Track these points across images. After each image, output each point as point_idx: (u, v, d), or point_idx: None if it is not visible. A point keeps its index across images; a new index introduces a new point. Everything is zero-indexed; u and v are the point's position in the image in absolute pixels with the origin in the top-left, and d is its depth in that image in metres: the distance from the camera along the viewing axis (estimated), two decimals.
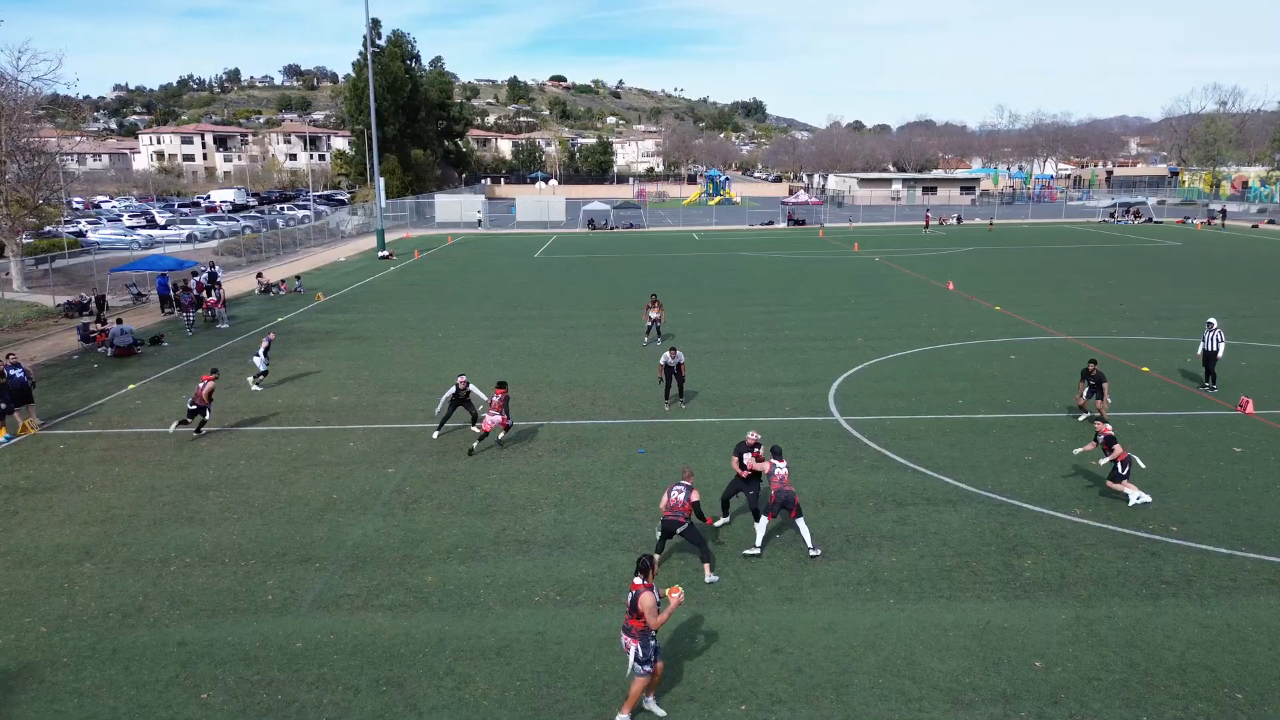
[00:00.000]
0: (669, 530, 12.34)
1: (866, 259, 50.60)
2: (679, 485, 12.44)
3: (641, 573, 9.19)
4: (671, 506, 12.29)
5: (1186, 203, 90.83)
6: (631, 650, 9.08)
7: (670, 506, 12.30)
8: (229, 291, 39.60)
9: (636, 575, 9.22)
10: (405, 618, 11.44)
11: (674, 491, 12.39)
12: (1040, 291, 37.42)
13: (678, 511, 12.23)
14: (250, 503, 15.39)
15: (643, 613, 8.95)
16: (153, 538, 13.99)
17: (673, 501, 12.30)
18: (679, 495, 12.32)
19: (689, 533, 12.33)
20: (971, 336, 28.35)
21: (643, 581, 9.13)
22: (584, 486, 15.93)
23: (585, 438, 18.77)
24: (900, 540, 13.46)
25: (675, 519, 12.23)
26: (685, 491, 12.35)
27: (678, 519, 12.22)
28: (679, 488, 12.40)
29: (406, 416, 20.42)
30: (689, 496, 12.33)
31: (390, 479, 16.46)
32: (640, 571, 9.22)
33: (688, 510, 12.28)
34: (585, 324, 31.69)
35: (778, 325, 30.87)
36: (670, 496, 12.38)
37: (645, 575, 9.19)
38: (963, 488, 15.54)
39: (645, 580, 9.15)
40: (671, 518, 12.25)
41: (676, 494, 12.35)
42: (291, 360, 26.48)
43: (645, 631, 9.05)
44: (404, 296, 38.84)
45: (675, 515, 12.24)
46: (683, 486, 12.40)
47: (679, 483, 12.50)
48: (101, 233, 60.21)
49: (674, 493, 12.38)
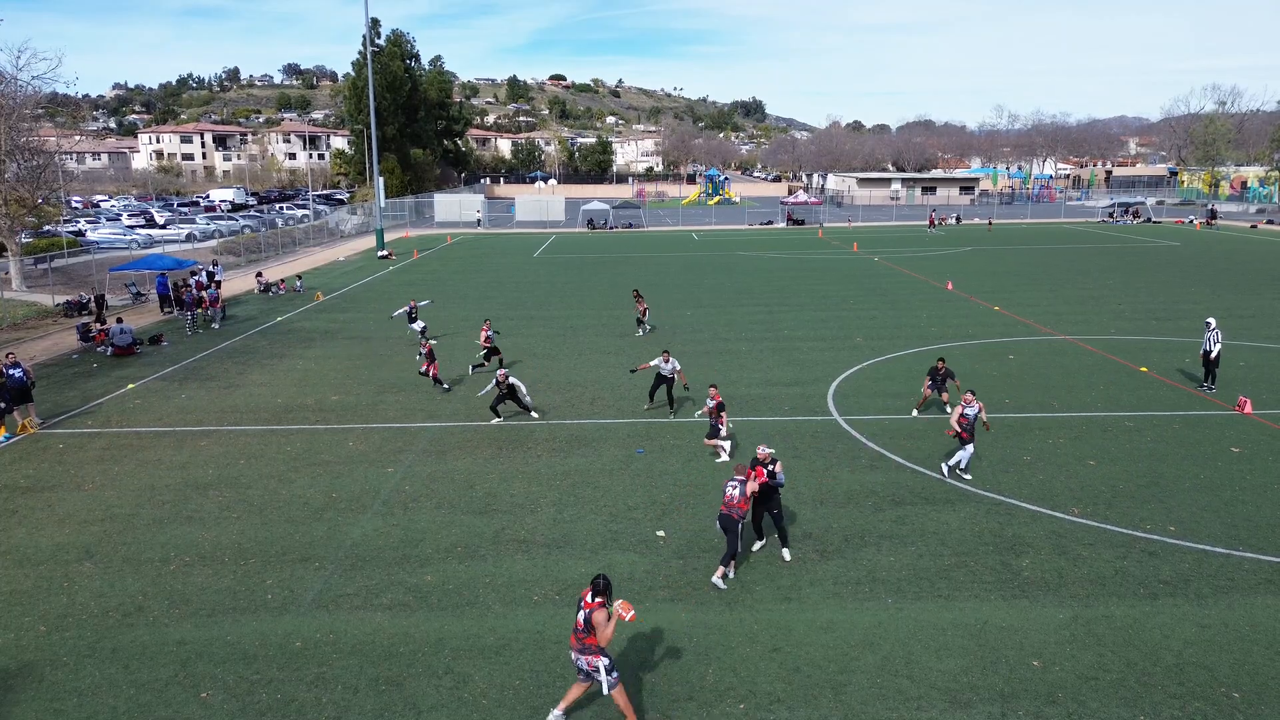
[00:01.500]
0: (726, 526, 12.31)
1: (865, 259, 50.65)
2: (732, 481, 12.45)
3: (595, 592, 8.97)
4: (726, 503, 12.35)
5: (1185, 203, 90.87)
6: (599, 665, 8.93)
7: (725, 503, 12.37)
8: (229, 291, 39.66)
9: (594, 595, 8.96)
10: (404, 617, 11.46)
11: (728, 488, 12.44)
12: (1039, 291, 37.46)
13: (732, 508, 12.28)
14: (250, 502, 15.41)
15: (596, 628, 8.83)
16: (152, 537, 14.00)
17: (727, 498, 12.38)
18: (733, 491, 12.38)
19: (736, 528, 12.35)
20: (970, 337, 28.38)
21: (597, 601, 8.93)
22: (583, 486, 15.95)
23: (585, 437, 18.79)
24: (899, 540, 13.48)
25: (730, 514, 12.25)
26: (740, 487, 12.37)
27: (732, 514, 12.26)
28: (733, 484, 12.43)
29: (405, 416, 20.43)
30: (744, 492, 12.36)
31: (389, 478, 16.47)
32: (594, 590, 8.99)
33: (744, 506, 12.33)
34: (584, 324, 31.71)
35: (777, 325, 30.90)
36: (725, 493, 12.47)
37: (602, 596, 8.96)
38: (961, 487, 15.56)
39: (600, 599, 8.95)
40: (726, 513, 12.29)
41: (731, 490, 12.41)
42: (290, 360, 26.49)
43: (598, 646, 8.95)
44: (404, 297, 38.78)
45: (730, 511, 12.26)
46: (736, 482, 12.42)
47: (732, 479, 12.50)
48: (100, 232, 60.14)
49: (728, 489, 12.43)
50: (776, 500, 12.96)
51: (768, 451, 13.07)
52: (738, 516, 12.24)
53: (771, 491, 12.86)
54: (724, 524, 12.33)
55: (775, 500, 12.95)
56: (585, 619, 8.88)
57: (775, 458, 13.06)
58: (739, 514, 12.25)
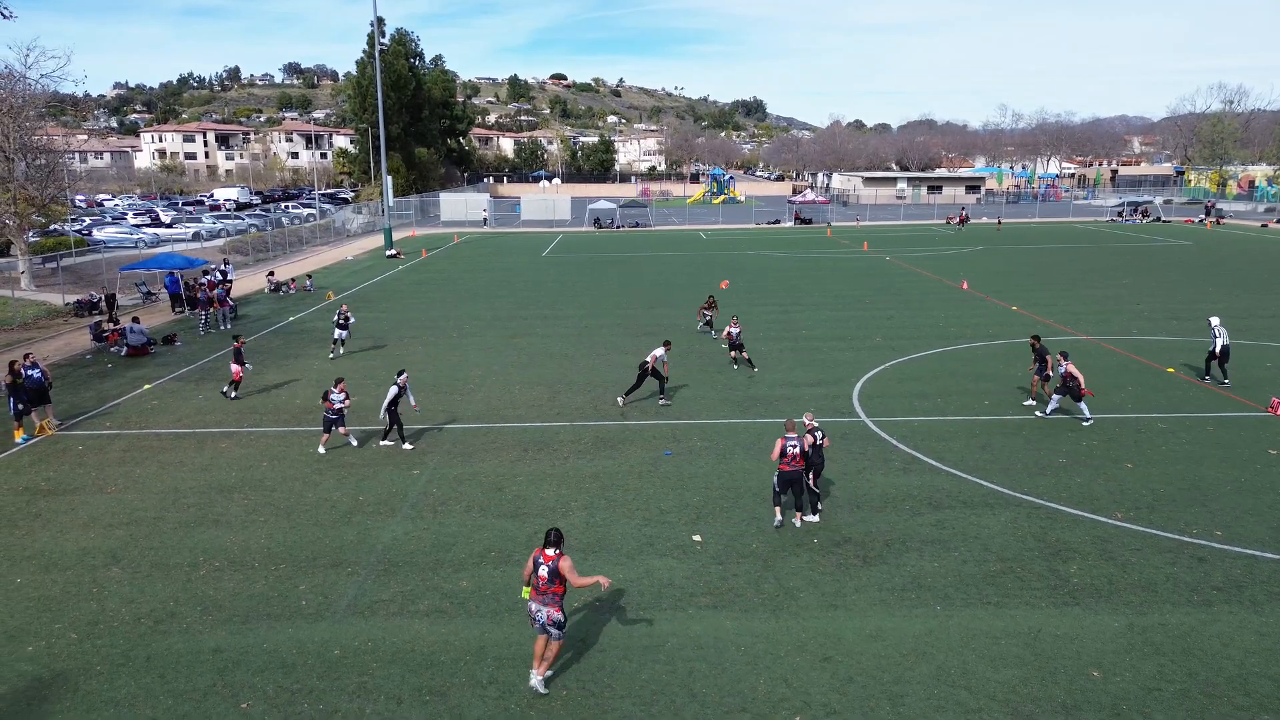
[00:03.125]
0: (789, 482, 13.72)
1: (876, 258, 50.38)
2: (791, 440, 13.62)
3: (553, 545, 9.61)
4: (793, 462, 13.60)
5: (1193, 202, 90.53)
6: (552, 617, 9.53)
7: (790, 460, 13.59)
8: (239, 290, 39.40)
9: (548, 547, 9.60)
10: (443, 624, 11.22)
11: (788, 447, 13.58)
12: (1054, 291, 37.20)
13: (797, 465, 13.63)
14: (275, 505, 15.17)
15: (565, 575, 9.48)
16: (179, 541, 13.76)
17: (791, 456, 13.58)
18: (794, 450, 13.58)
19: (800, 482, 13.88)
20: (991, 337, 28.13)
21: (556, 552, 9.56)
22: (613, 489, 15.70)
23: (610, 439, 18.55)
24: (941, 545, 13.23)
25: (796, 471, 13.64)
26: (798, 444, 13.59)
27: (797, 470, 13.66)
28: (792, 442, 13.60)
29: (427, 416, 20.18)
30: (802, 447, 13.65)
31: (416, 480, 16.23)
32: (552, 544, 9.62)
33: (800, 463, 13.65)
34: (599, 323, 31.46)
35: (794, 325, 30.65)
36: (788, 452, 13.59)
37: (557, 547, 9.61)
38: (998, 490, 15.32)
39: (558, 550, 9.59)
40: (791, 470, 13.63)
41: (792, 449, 13.58)
42: (305, 360, 26.25)
43: (563, 597, 9.62)
44: (414, 295, 38.61)
45: (796, 469, 13.64)
46: (794, 440, 13.62)
47: (789, 437, 13.66)
48: (106, 231, 59.85)
49: (789, 448, 13.58)
50: (819, 467, 14.21)
51: (812, 423, 14.31)
52: (800, 472, 13.76)
53: (816, 451, 14.09)
54: (785, 481, 13.75)
55: (817, 466, 14.18)
56: (551, 570, 9.48)
57: (823, 431, 14.40)
58: (800, 469, 13.74)
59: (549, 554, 9.53)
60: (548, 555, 9.53)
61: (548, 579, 9.49)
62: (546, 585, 9.50)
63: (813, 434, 14.24)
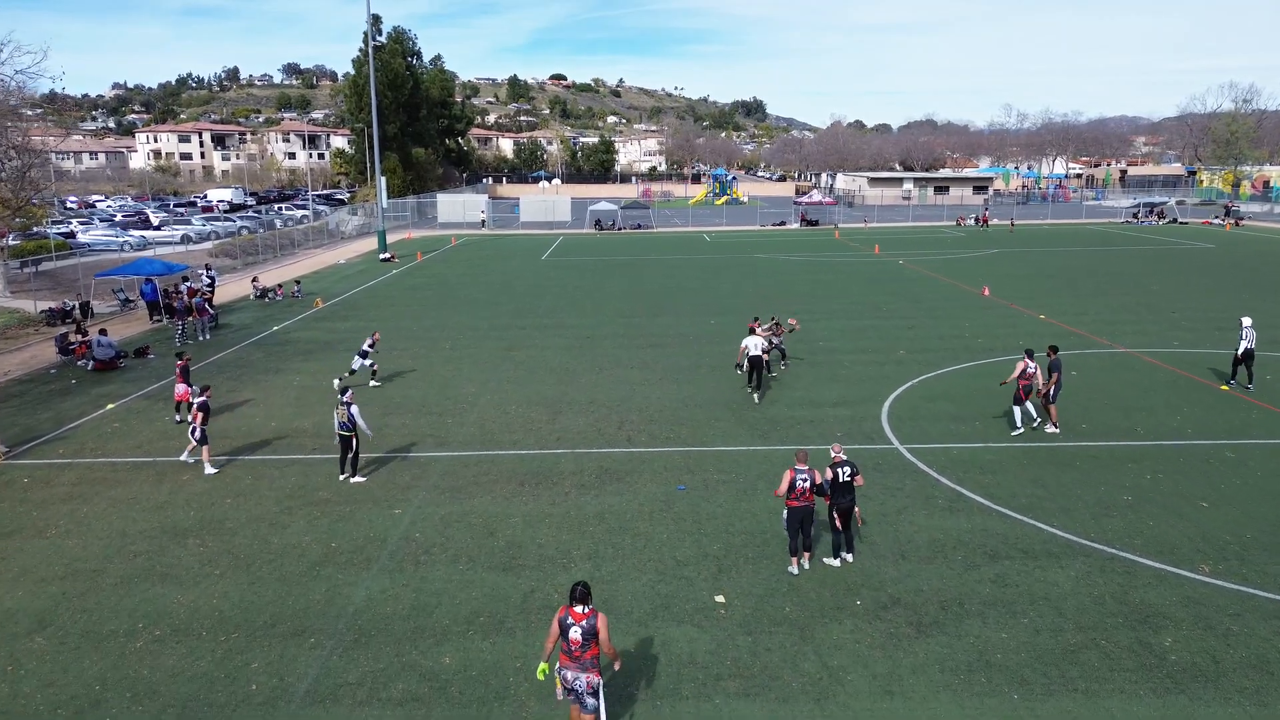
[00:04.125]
0: (800, 519, 12.21)
1: (889, 261, 48.45)
2: (801, 473, 12.06)
3: (581, 601, 8.31)
4: (803, 497, 12.07)
5: (1206, 203, 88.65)
6: (592, 683, 8.36)
7: (801, 496, 12.06)
8: (224, 297, 37.52)
9: (576, 604, 8.30)
10: (420, 714, 9.32)
11: (798, 480, 12.02)
12: (1081, 298, 35.28)
13: (807, 501, 12.12)
14: (236, 553, 13.26)
15: (601, 635, 8.31)
16: (119, 601, 11.85)
17: (800, 491, 12.04)
18: (805, 483, 12.04)
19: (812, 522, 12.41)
20: (1020, 348, 26.10)
21: (587, 609, 8.31)
22: (621, 533, 13.80)
23: (616, 470, 16.65)
24: (1005, 608, 11.32)
25: (806, 506, 12.13)
26: (809, 477, 12.09)
27: (809, 506, 12.16)
28: (802, 475, 12.05)
29: (414, 442, 18.28)
30: (813, 480, 12.12)
31: (398, 522, 14.33)
32: (580, 600, 8.32)
33: (810, 499, 12.16)
34: (602, 333, 29.55)
35: (809, 336, 28.72)
36: (797, 485, 12.02)
37: (587, 603, 8.35)
38: (1062, 536, 13.41)
39: (590, 606, 8.35)
40: (801, 506, 12.11)
41: (802, 482, 12.03)
42: (287, 375, 24.34)
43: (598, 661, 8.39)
44: (407, 303, 36.70)
45: (806, 504, 12.12)
46: (805, 473, 12.07)
47: (799, 469, 12.09)
48: (92, 233, 58.02)
49: (799, 481, 12.02)
50: (850, 500, 12.50)
51: (839, 455, 12.65)
52: (813, 508, 12.24)
53: (846, 488, 12.48)
54: (799, 517, 12.15)
55: (849, 500, 12.50)
56: (587, 630, 8.24)
57: (854, 465, 12.59)
58: (813, 505, 12.20)
59: (579, 611, 8.27)
60: (578, 614, 8.26)
61: (582, 641, 8.27)
62: (581, 649, 8.28)
63: (840, 469, 12.36)
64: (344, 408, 16.04)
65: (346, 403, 16.07)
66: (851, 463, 12.55)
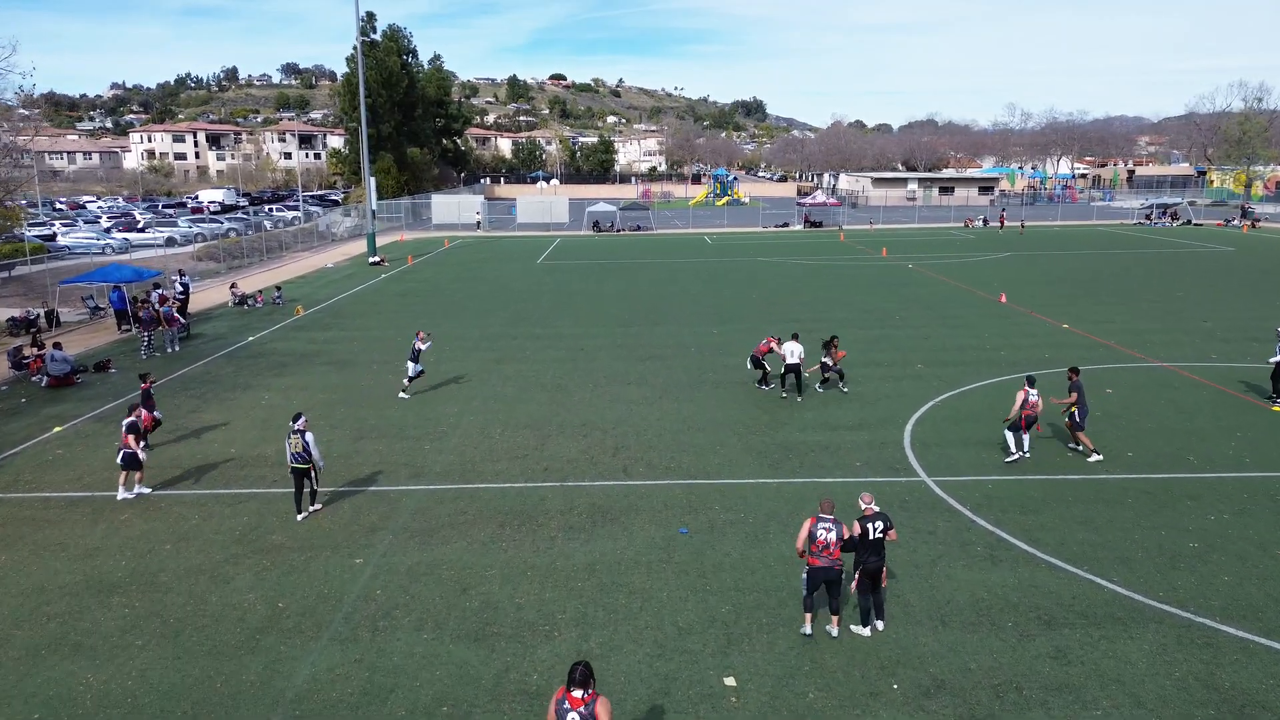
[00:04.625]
0: (822, 579, 10.45)
1: (897, 265, 46.58)
2: (824, 522, 10.43)
3: (581, 685, 7.07)
4: (824, 552, 10.36)
5: (1217, 203, 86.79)
6: None
7: (822, 552, 10.35)
8: (201, 304, 35.69)
9: (575, 689, 7.05)
10: None
11: (819, 530, 10.38)
12: (1104, 305, 33.41)
13: (833, 558, 10.37)
14: (165, 616, 11.41)
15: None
16: (17, 683, 10.00)
17: (821, 544, 10.36)
18: (828, 535, 10.35)
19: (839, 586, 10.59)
20: (1048, 363, 24.35)
21: (587, 693, 7.05)
22: (614, 590, 11.94)
23: (610, 507, 14.80)
24: (1072, 695, 9.47)
25: (830, 567, 10.38)
26: (835, 529, 10.39)
27: (834, 566, 10.39)
28: (825, 525, 10.40)
29: (385, 473, 16.43)
30: (840, 534, 10.41)
31: (358, 575, 12.47)
32: (580, 684, 7.07)
33: (837, 554, 10.42)
34: (598, 344, 27.69)
35: (818, 346, 26.82)
36: (818, 537, 10.37)
37: (587, 687, 7.09)
38: (1125, 595, 11.55)
39: (589, 692, 7.07)
40: (824, 566, 10.38)
41: (824, 534, 10.36)
42: (255, 392, 22.48)
43: None
44: (394, 310, 34.84)
45: (831, 563, 10.38)
46: (829, 524, 10.41)
47: (821, 518, 10.47)
48: (74, 236, 56.20)
49: (820, 532, 10.37)
50: (880, 560, 10.68)
51: (871, 507, 10.81)
52: (838, 568, 10.43)
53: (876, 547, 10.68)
54: (816, 578, 10.45)
55: (880, 560, 10.67)
56: (585, 718, 6.98)
57: (886, 519, 10.74)
58: (839, 564, 10.42)
59: (577, 696, 7.08)
60: (575, 699, 7.08)
61: None
62: None
63: (870, 524, 10.55)
64: (297, 436, 14.22)
65: (299, 430, 14.25)
66: (884, 515, 10.71)
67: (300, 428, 14.32)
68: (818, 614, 10.77)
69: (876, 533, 10.55)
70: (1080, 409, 16.68)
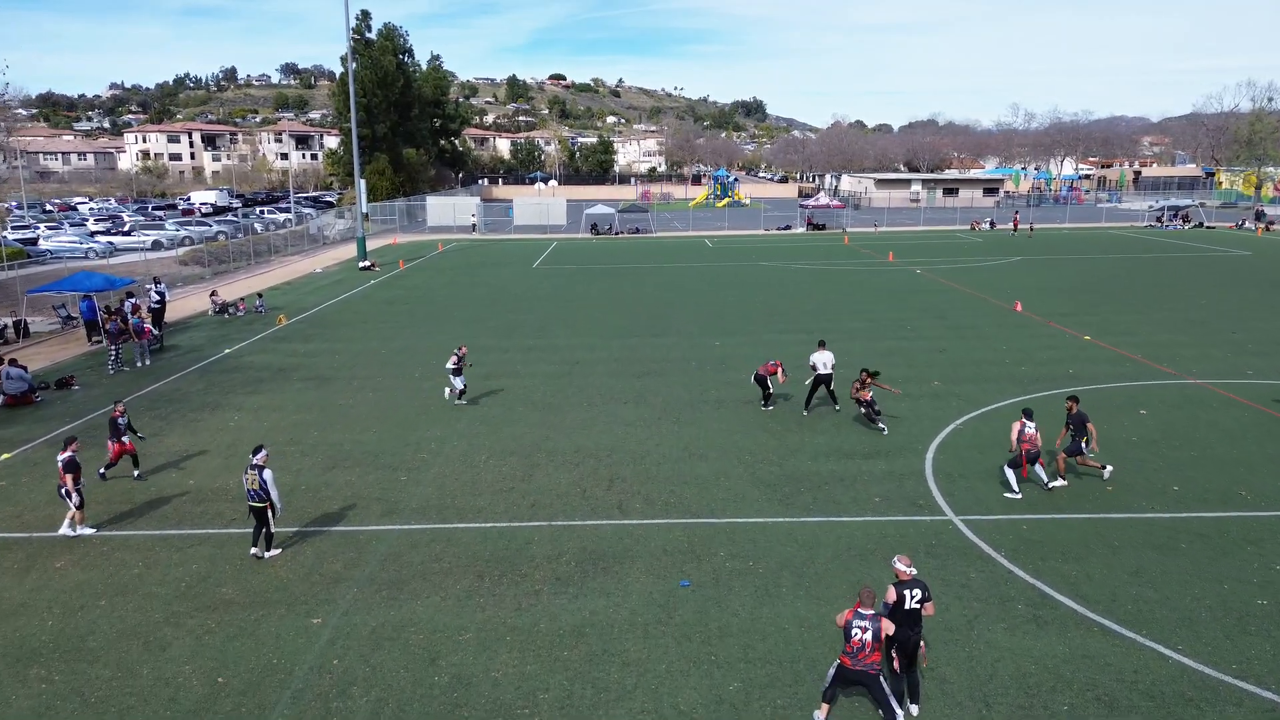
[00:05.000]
0: (853, 683, 8.96)
1: (905, 271, 45.01)
2: (861, 619, 8.78)
3: None
4: (859, 655, 8.74)
5: (1227, 205, 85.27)
6: None
7: (856, 653, 8.74)
8: (179, 313, 34.18)
9: None
10: None
11: (855, 630, 8.75)
12: (1125, 314, 31.86)
13: (867, 662, 8.74)
14: (85, 695, 9.88)
15: None
16: None
17: (856, 644, 8.74)
18: (864, 636, 8.70)
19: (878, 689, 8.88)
20: (1072, 379, 22.84)
21: None
22: (605, 660, 10.41)
23: (602, 551, 13.28)
24: None
25: (865, 671, 8.78)
26: (872, 627, 8.71)
27: (869, 670, 8.77)
28: (860, 624, 8.75)
29: (356, 509, 14.90)
30: (878, 633, 8.72)
31: (314, 639, 10.94)
32: None
33: (877, 657, 8.78)
34: (593, 357, 26.16)
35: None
36: (852, 637, 8.75)
37: None
38: (1193, 668, 10.02)
39: None
40: (858, 669, 8.79)
41: (859, 634, 8.71)
42: (225, 412, 20.93)
43: None
44: (380, 319, 33.29)
45: (865, 666, 8.76)
46: (865, 621, 8.76)
47: (859, 613, 8.83)
48: (57, 240, 54.69)
49: (855, 630, 8.75)
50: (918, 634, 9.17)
51: (909, 570, 9.28)
52: (875, 671, 8.79)
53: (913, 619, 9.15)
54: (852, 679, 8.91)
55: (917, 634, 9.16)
56: None
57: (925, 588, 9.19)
58: (875, 668, 8.78)
59: None
60: None
61: None
62: None
63: (908, 590, 9.06)
64: (253, 472, 12.72)
65: (257, 465, 12.75)
66: (923, 584, 9.21)
67: (258, 463, 12.84)
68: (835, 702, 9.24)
69: (913, 601, 9.03)
70: (1074, 442, 15.42)
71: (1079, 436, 15.47)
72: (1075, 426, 15.52)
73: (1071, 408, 15.70)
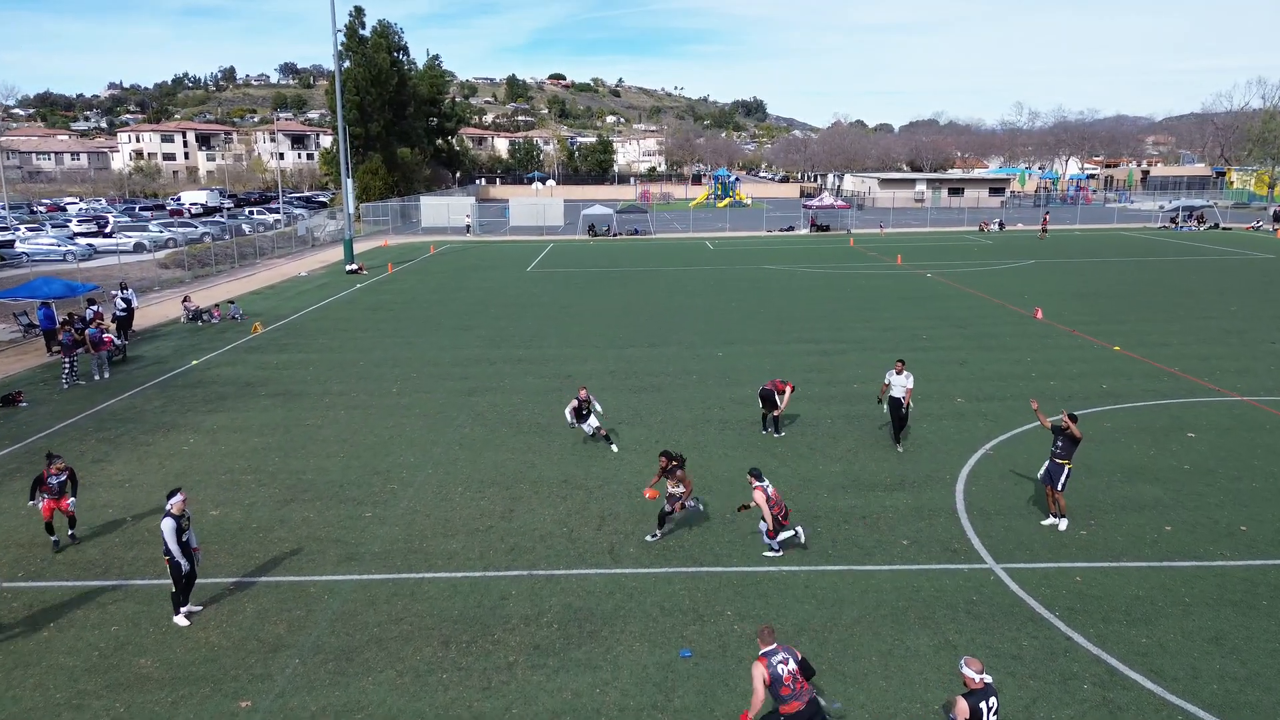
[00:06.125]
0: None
1: (915, 274, 43.11)
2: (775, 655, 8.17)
3: None
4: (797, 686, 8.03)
5: (1239, 205, 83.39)
6: None
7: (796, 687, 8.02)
8: (151, 320, 32.33)
9: None
10: None
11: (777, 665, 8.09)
12: (1153, 322, 29.97)
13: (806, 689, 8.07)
14: None
15: None
16: None
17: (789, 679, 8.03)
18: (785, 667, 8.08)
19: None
20: (1109, 395, 20.97)
21: None
22: None
23: (591, 609, 11.41)
24: None
25: (812, 699, 8.09)
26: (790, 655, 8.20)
27: (813, 696, 8.13)
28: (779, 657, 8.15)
29: (310, 554, 13.02)
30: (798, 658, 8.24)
31: None
32: None
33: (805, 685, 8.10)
34: (587, 370, 24.28)
35: (839, 374, 23.47)
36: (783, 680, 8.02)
37: None
38: None
39: None
40: (804, 707, 7.99)
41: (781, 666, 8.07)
42: (180, 434, 19.05)
43: None
44: (362, 327, 31.40)
45: (809, 695, 8.07)
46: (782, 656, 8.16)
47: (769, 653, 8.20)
48: (35, 242, 52.79)
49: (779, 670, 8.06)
50: None
51: (982, 678, 7.58)
52: (815, 694, 8.20)
53: None
54: None
55: None
56: None
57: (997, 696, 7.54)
58: (812, 692, 8.17)
59: None
60: None
61: None
62: None
63: (983, 703, 7.29)
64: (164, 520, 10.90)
65: (167, 511, 10.92)
66: (995, 690, 7.34)
67: (168, 508, 10.96)
68: None
69: (991, 715, 7.19)
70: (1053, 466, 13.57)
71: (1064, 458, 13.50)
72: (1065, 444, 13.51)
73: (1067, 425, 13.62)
